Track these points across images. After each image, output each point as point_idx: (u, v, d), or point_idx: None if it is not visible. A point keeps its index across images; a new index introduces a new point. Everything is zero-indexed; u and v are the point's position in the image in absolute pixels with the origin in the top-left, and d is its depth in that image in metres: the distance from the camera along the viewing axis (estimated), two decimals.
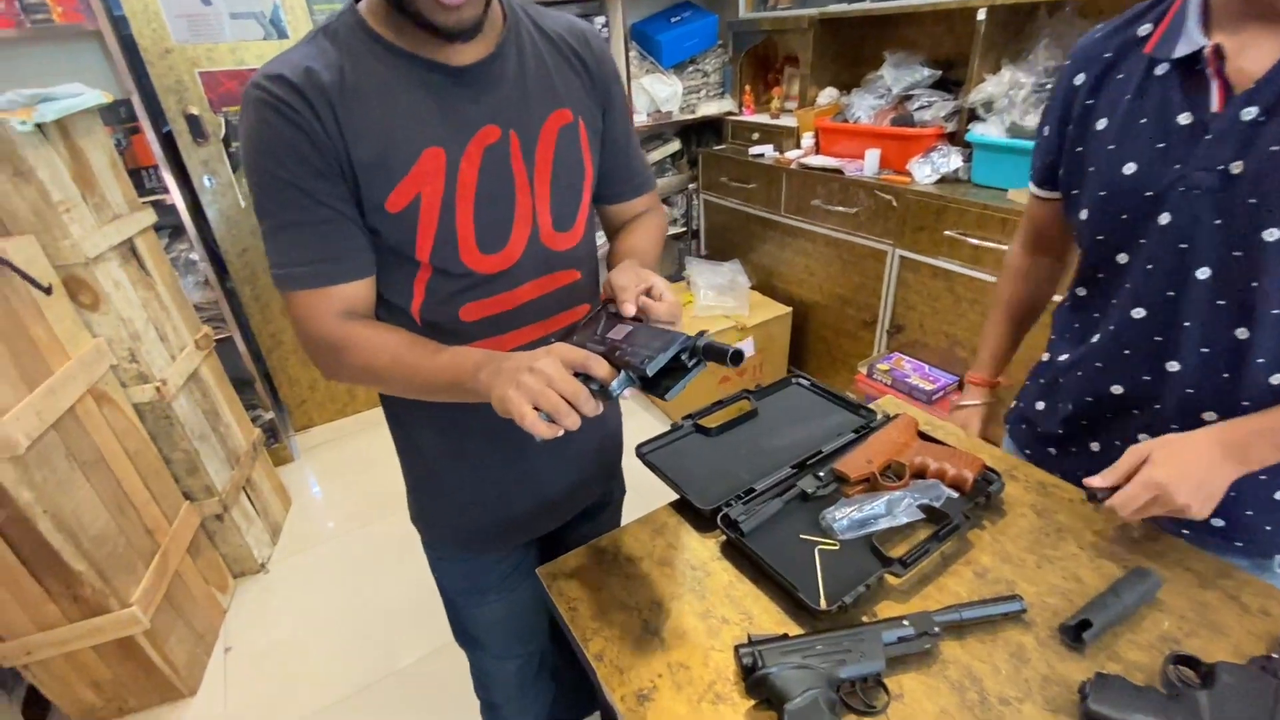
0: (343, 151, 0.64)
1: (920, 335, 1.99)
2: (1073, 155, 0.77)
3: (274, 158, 0.63)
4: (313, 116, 0.62)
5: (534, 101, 0.72)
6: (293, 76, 0.62)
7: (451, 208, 0.68)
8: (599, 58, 0.78)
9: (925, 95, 2.06)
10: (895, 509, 0.77)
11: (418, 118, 0.66)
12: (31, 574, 1.34)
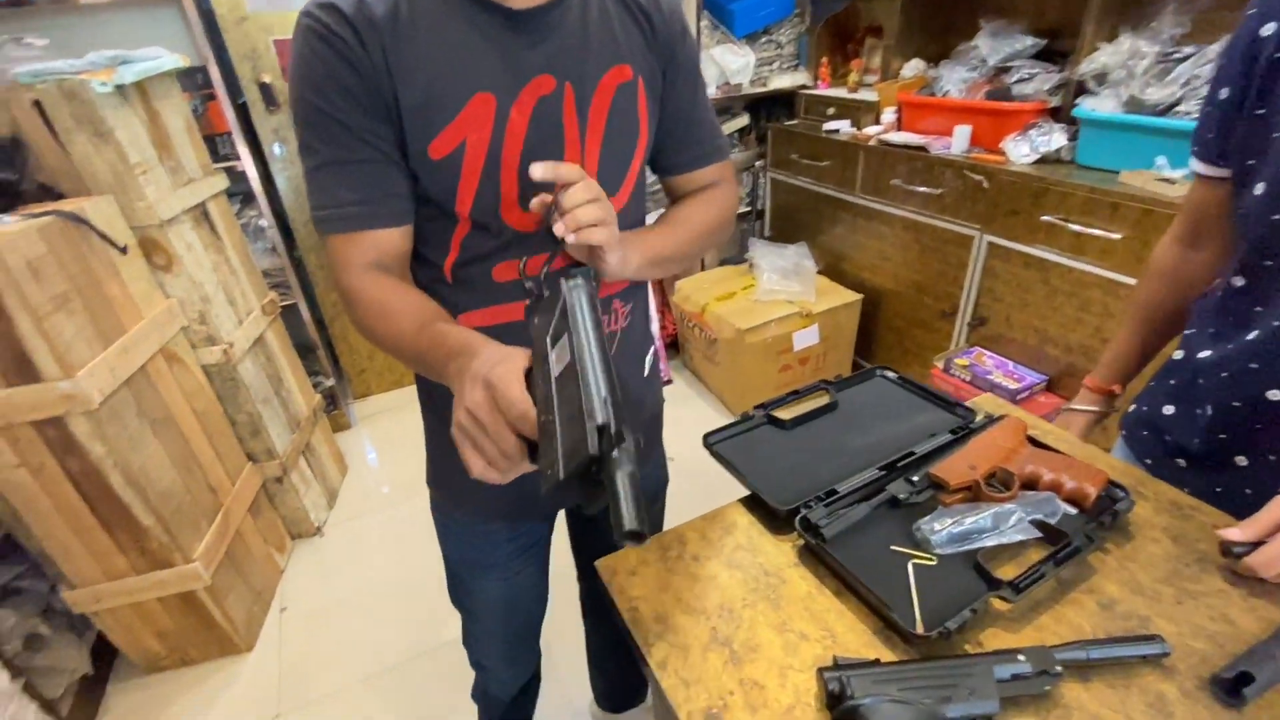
0: (389, 90, 0.61)
1: (1006, 329, 1.84)
2: (1252, 120, 0.65)
3: (320, 91, 0.60)
4: (361, 50, 0.59)
5: (593, 54, 0.67)
6: (345, 7, 0.59)
7: (497, 159, 0.64)
8: (668, 15, 0.73)
9: (1026, 67, 1.88)
10: (1003, 524, 0.68)
11: (470, 60, 0.62)
12: (103, 526, 1.39)
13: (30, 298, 1.16)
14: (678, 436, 2.28)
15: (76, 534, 1.38)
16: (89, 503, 1.35)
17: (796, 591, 0.66)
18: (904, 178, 2.02)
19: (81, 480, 1.32)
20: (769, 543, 0.72)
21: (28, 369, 1.20)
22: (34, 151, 1.39)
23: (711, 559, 0.71)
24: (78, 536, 1.38)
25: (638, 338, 0.86)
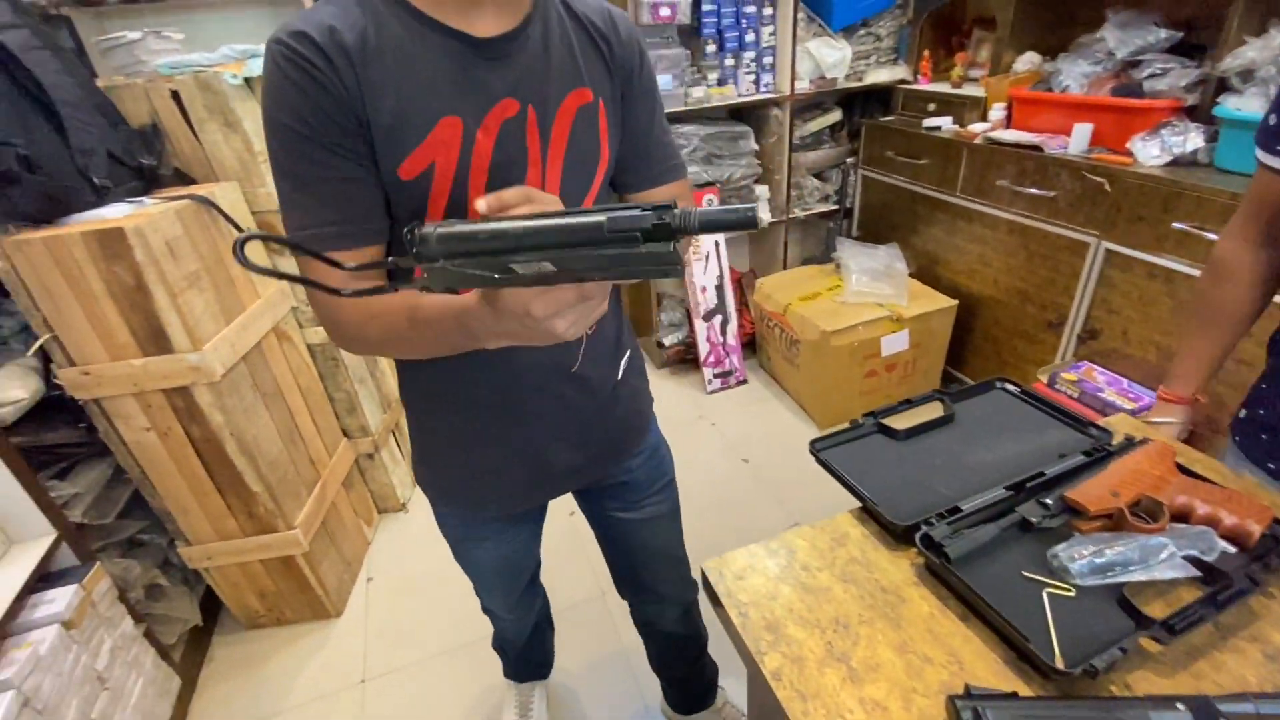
0: (361, 113, 0.62)
1: (1121, 344, 1.71)
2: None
3: (297, 114, 0.61)
4: (334, 75, 0.61)
5: (554, 78, 0.70)
6: (316, 34, 0.60)
7: (465, 180, 0.67)
8: (624, 41, 0.76)
9: (1159, 61, 1.73)
10: (1152, 558, 0.62)
11: (437, 85, 0.64)
12: (217, 489, 1.49)
13: (168, 275, 1.25)
14: (752, 439, 2.26)
15: (194, 495, 1.48)
16: (206, 467, 1.45)
17: (917, 612, 0.63)
18: (1012, 178, 1.91)
19: (201, 446, 1.42)
20: (884, 558, 0.69)
21: (162, 341, 1.30)
22: (170, 139, 1.50)
23: (823, 570, 0.69)
24: (195, 497, 1.49)
25: (608, 342, 0.87)
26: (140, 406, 1.35)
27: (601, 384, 0.86)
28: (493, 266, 0.44)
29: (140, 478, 1.45)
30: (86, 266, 1.21)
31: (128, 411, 1.36)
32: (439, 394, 0.82)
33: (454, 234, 0.45)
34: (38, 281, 1.21)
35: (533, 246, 0.43)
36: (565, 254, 0.42)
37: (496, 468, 0.86)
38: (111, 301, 1.25)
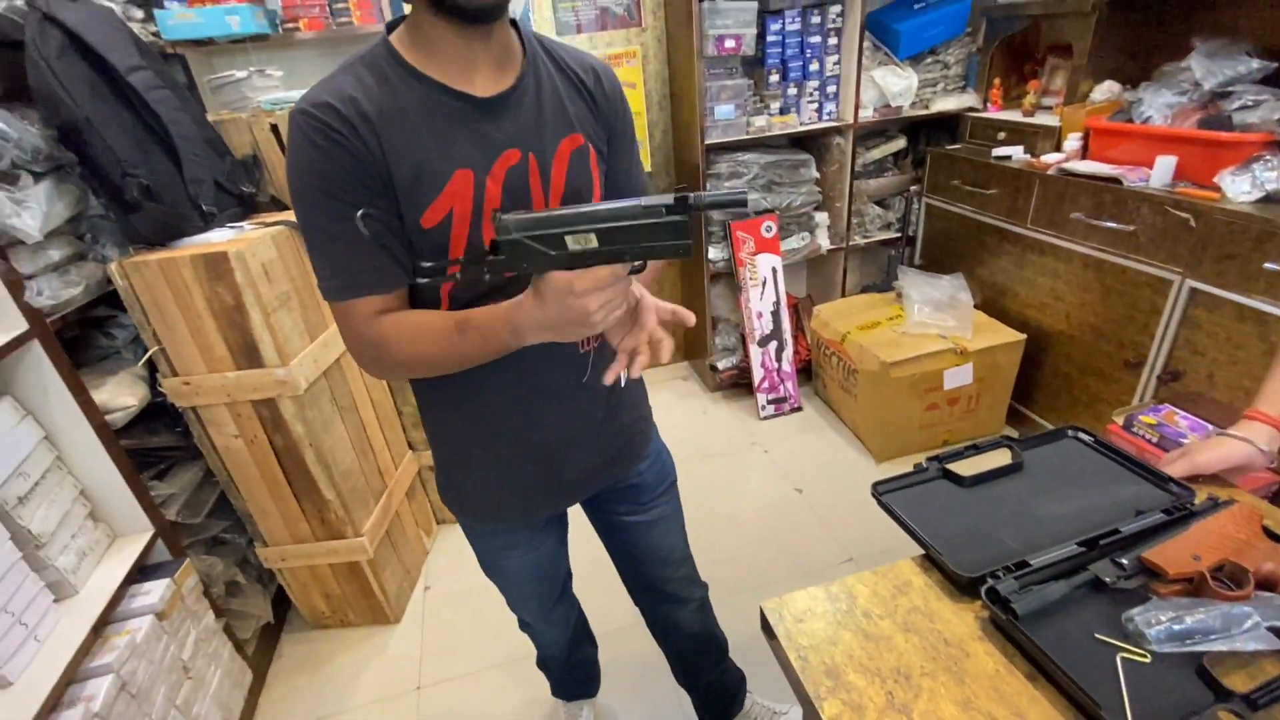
0: (384, 171, 0.69)
1: (1206, 387, 1.62)
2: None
3: (324, 176, 0.68)
4: (357, 140, 0.68)
5: (550, 127, 0.77)
6: (338, 104, 0.67)
7: (479, 223, 0.74)
8: (608, 93, 0.83)
9: (1250, 93, 1.65)
10: (1235, 627, 0.60)
11: (449, 142, 0.72)
12: (294, 495, 1.58)
13: (263, 295, 1.36)
14: (806, 468, 2.24)
15: (273, 499, 1.58)
16: (286, 474, 1.55)
17: (982, 668, 0.62)
18: (1087, 211, 1.85)
19: (283, 453, 1.52)
20: (948, 609, 0.69)
21: (254, 355, 1.40)
22: (268, 167, 1.62)
23: (885, 618, 0.69)
24: (274, 501, 1.58)
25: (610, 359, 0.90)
26: (231, 415, 1.46)
27: (607, 393, 0.93)
28: (552, 243, 0.57)
29: (227, 481, 1.56)
30: (193, 286, 1.32)
31: (220, 419, 1.47)
32: (460, 409, 0.88)
33: (527, 217, 0.58)
34: (151, 299, 1.33)
35: (584, 222, 0.57)
36: (608, 227, 0.57)
37: (516, 476, 0.92)
38: (212, 319, 1.36)
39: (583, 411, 0.91)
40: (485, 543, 1.06)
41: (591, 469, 0.96)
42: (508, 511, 0.98)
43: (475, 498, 0.97)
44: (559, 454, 0.92)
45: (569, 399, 0.89)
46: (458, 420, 0.90)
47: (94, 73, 1.29)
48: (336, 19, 1.93)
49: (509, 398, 0.86)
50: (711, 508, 2.11)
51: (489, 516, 1.00)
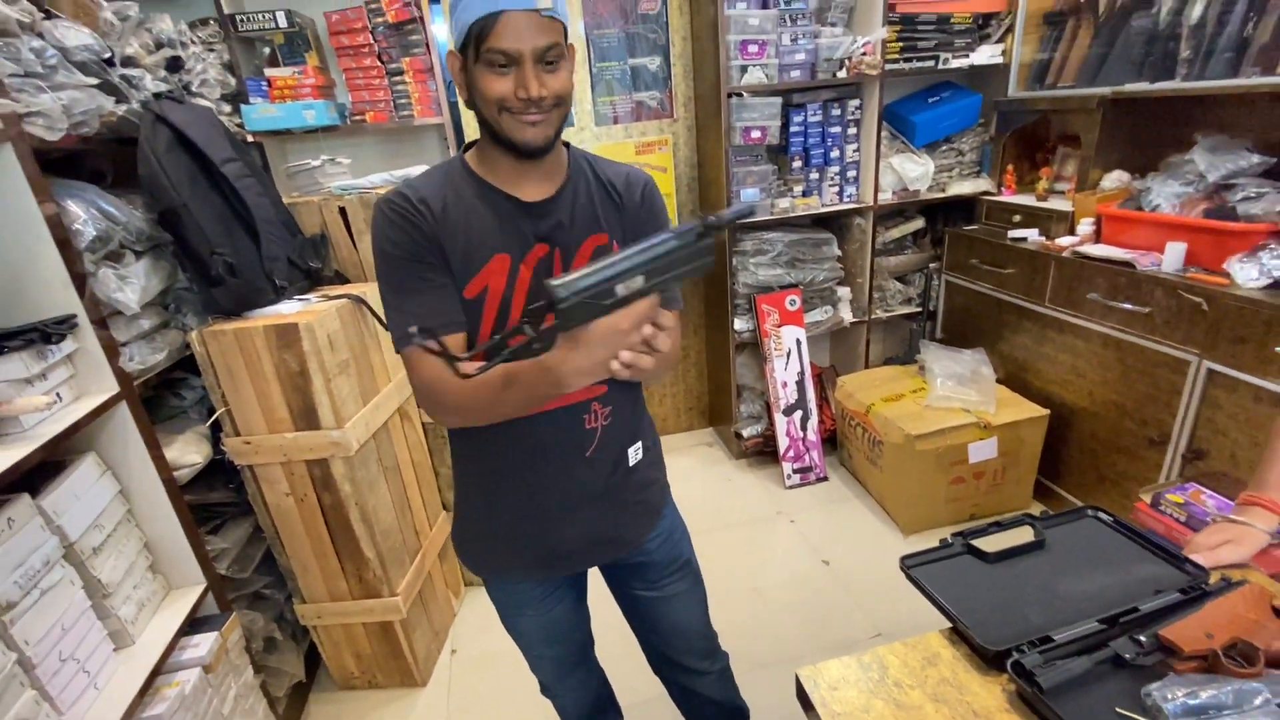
0: (441, 249, 0.86)
1: (1231, 468, 1.63)
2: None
3: (400, 245, 0.85)
4: (424, 220, 0.85)
5: (577, 229, 0.92)
6: (412, 196, 0.86)
7: (510, 301, 0.89)
8: (636, 196, 0.96)
9: (1253, 185, 1.74)
10: (1246, 703, 0.63)
11: (494, 232, 0.88)
12: (336, 553, 1.64)
13: (325, 363, 1.47)
14: (833, 540, 2.25)
15: (316, 556, 1.64)
16: (330, 532, 1.62)
17: None
18: (1103, 292, 1.92)
19: (329, 512, 1.59)
20: (976, 681, 0.73)
21: (312, 418, 1.50)
22: (333, 245, 1.78)
23: (915, 689, 0.72)
24: (316, 559, 1.65)
25: (621, 433, 1.02)
26: (285, 474, 1.55)
27: (611, 470, 1.01)
28: (604, 296, 0.64)
29: (274, 537, 1.63)
30: (264, 353, 1.44)
31: (274, 477, 1.56)
32: (475, 463, 1.00)
33: (580, 281, 0.63)
34: (224, 364, 1.45)
35: (632, 267, 0.65)
36: (655, 265, 0.65)
37: (514, 536, 1.01)
38: (278, 383, 1.47)
39: (583, 484, 0.99)
40: (499, 598, 1.13)
41: (588, 542, 1.04)
42: (509, 570, 1.07)
43: (481, 552, 1.07)
44: (556, 521, 1.00)
45: (571, 470, 0.98)
46: (472, 474, 1.02)
47: (194, 164, 1.45)
48: (399, 113, 2.14)
49: (514, 460, 0.97)
50: (737, 578, 2.12)
51: (493, 572, 1.08)
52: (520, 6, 0.77)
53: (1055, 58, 2.31)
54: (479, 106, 0.84)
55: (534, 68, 0.79)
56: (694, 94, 2.57)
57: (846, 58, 2.33)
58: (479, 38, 0.79)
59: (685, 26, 2.47)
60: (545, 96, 0.81)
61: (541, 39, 0.79)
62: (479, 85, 0.82)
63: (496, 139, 0.85)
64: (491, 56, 0.79)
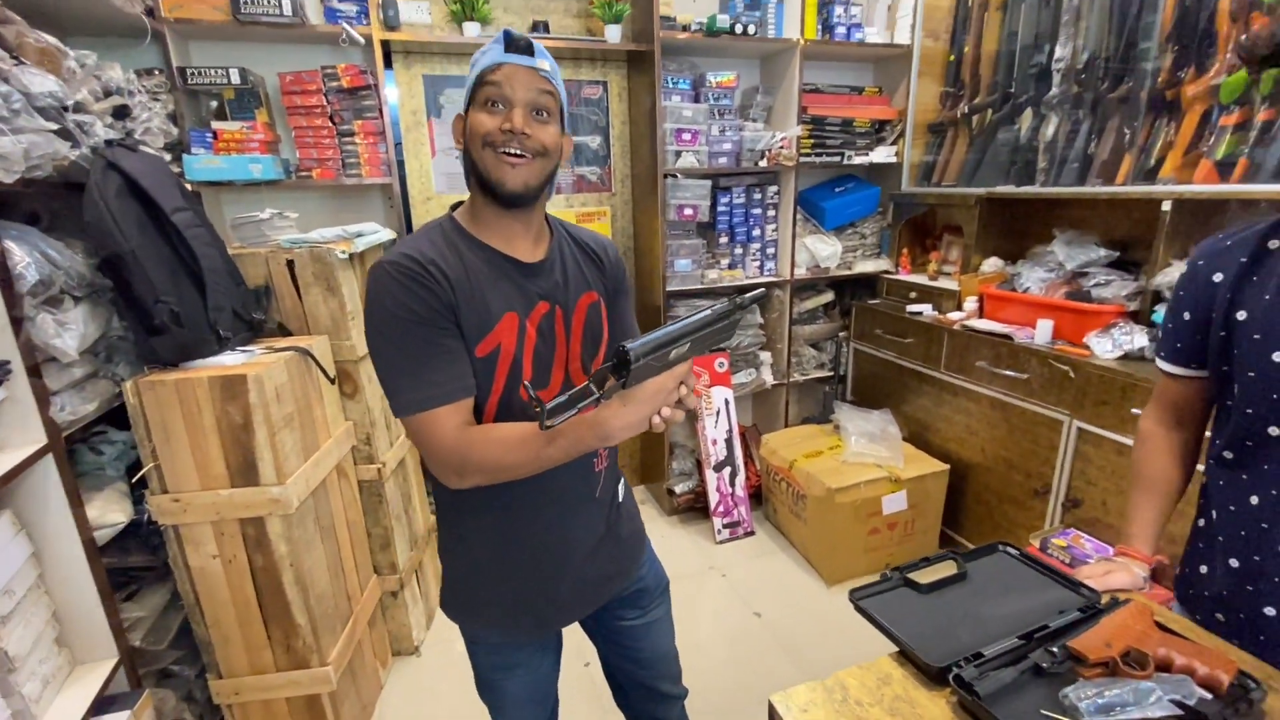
0: (455, 313, 0.88)
1: (1102, 514, 1.89)
2: (1218, 340, 0.92)
3: (410, 309, 0.85)
4: (436, 282, 0.87)
5: (571, 287, 1.00)
6: (422, 259, 0.87)
7: (520, 356, 0.94)
8: (613, 262, 1.08)
9: (1102, 273, 2.10)
10: (1144, 700, 0.76)
11: (502, 293, 0.93)
12: (264, 620, 1.55)
13: (272, 416, 1.43)
14: (763, 592, 2.34)
15: (241, 624, 1.54)
16: (259, 597, 1.52)
17: None
18: (989, 360, 2.20)
19: (260, 575, 1.51)
20: (924, 696, 0.82)
21: (251, 474, 1.44)
22: (277, 297, 1.75)
23: (874, 705, 0.81)
24: (240, 627, 1.54)
25: (613, 473, 1.12)
26: (214, 533, 1.46)
27: (609, 508, 1.09)
28: (662, 359, 0.74)
29: (193, 605, 1.52)
30: (205, 405, 1.39)
31: (201, 538, 1.46)
32: (485, 516, 1.00)
33: (650, 344, 0.73)
34: (158, 416, 1.38)
35: (686, 336, 0.76)
36: (701, 335, 0.78)
37: (530, 584, 1.03)
38: (217, 437, 1.41)
39: (590, 525, 1.06)
40: (487, 659, 1.11)
41: (598, 581, 1.09)
42: (519, 622, 1.06)
43: (488, 607, 1.05)
44: (572, 564, 1.04)
45: (581, 511, 1.04)
46: (481, 527, 1.01)
47: (143, 212, 1.42)
48: (347, 171, 2.17)
49: (533, 506, 0.99)
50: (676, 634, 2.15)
51: (499, 628, 1.07)
52: (522, 62, 0.86)
53: (939, 160, 2.71)
54: (469, 150, 0.90)
55: (524, 111, 0.87)
56: (631, 172, 2.77)
57: (767, 149, 2.62)
58: (479, 84, 0.87)
59: (624, 112, 2.69)
60: (529, 135, 0.87)
61: (535, 91, 0.87)
62: (471, 126, 0.88)
63: (482, 184, 0.89)
64: (487, 93, 0.87)
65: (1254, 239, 0.89)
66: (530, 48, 0.88)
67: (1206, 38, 1.79)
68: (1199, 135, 1.82)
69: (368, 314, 0.88)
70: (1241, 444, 0.91)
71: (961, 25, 2.56)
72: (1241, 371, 0.88)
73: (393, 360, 0.87)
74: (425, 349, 0.86)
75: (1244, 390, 0.88)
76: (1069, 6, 2.16)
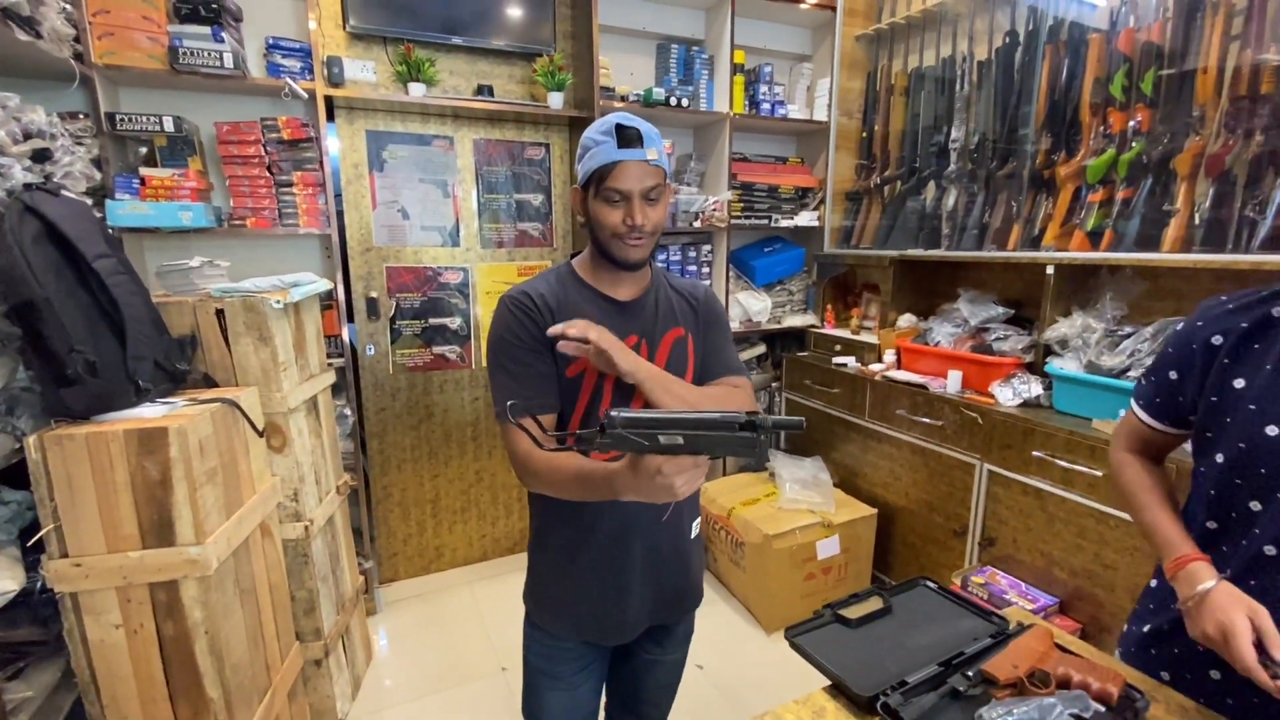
0: (550, 340, 1.02)
1: (1014, 551, 2.02)
2: (1209, 404, 0.90)
3: (517, 335, 1.04)
4: (540, 315, 1.05)
5: (659, 324, 1.13)
6: (533, 295, 1.07)
7: (603, 382, 1.07)
8: (705, 304, 1.21)
9: (1001, 329, 2.31)
10: (1048, 715, 0.83)
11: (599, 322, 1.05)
12: (170, 697, 1.42)
13: (194, 471, 1.37)
14: (705, 643, 2.33)
15: (143, 702, 1.41)
16: (166, 670, 1.41)
17: None
18: (908, 409, 2.35)
19: (169, 645, 1.40)
20: None
21: (166, 533, 1.36)
22: (204, 348, 1.69)
23: None
24: (142, 704, 1.41)
25: (685, 507, 1.20)
26: (119, 600, 1.36)
27: (678, 535, 1.18)
28: (647, 438, 0.74)
29: (87, 682, 1.38)
30: (118, 461, 1.31)
31: (103, 606, 1.35)
32: (567, 523, 1.12)
33: (631, 417, 0.74)
34: (63, 473, 1.29)
35: (673, 427, 0.73)
36: (691, 433, 0.73)
37: (597, 594, 1.13)
38: (129, 494, 1.33)
39: (656, 547, 1.15)
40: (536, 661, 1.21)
41: (655, 603, 1.17)
42: (583, 626, 1.16)
43: (558, 603, 1.16)
44: (634, 579, 1.13)
45: (649, 532, 1.13)
46: (562, 532, 1.13)
47: (62, 258, 1.37)
48: (284, 221, 2.15)
49: (607, 519, 1.10)
50: None
51: (567, 628, 1.17)
52: (634, 158, 1.00)
53: (856, 225, 2.94)
54: (594, 230, 1.07)
55: (640, 203, 1.02)
56: (572, 228, 2.86)
57: (701, 211, 2.77)
58: (600, 178, 1.01)
59: (565, 172, 2.80)
60: (646, 225, 1.03)
61: (648, 181, 1.02)
62: (596, 215, 1.04)
63: (605, 256, 1.07)
64: (609, 194, 1.02)
65: (1257, 305, 0.87)
66: (640, 138, 1.02)
67: (1073, 127, 2.07)
68: (1072, 209, 2.08)
69: (489, 336, 1.08)
70: (1225, 515, 0.89)
71: (871, 106, 2.84)
72: (1230, 442, 0.86)
73: (496, 376, 1.05)
74: (521, 369, 1.03)
75: (1230, 461, 0.86)
76: (960, 95, 2.44)
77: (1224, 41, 1.69)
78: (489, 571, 2.88)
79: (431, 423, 2.72)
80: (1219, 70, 1.70)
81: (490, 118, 2.60)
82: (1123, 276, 2.02)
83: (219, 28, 1.95)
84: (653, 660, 1.28)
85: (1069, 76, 2.07)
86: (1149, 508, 0.98)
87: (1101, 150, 1.98)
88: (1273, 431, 0.83)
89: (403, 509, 2.73)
